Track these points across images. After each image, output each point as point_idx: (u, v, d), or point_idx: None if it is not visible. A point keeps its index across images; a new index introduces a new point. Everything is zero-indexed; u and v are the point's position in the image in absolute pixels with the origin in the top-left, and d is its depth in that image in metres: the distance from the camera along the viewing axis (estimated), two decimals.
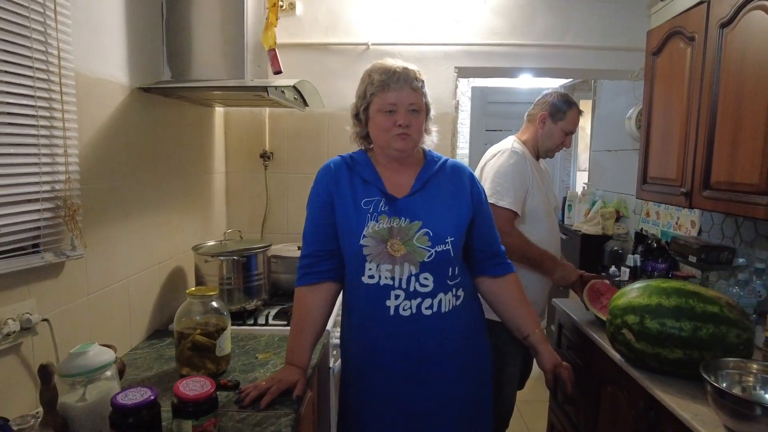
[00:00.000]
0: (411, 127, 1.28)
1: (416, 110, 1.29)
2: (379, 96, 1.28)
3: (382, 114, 1.28)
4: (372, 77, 1.29)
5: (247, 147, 2.59)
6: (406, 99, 1.27)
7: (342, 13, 2.54)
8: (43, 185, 1.17)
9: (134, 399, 0.99)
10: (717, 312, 1.42)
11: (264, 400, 1.23)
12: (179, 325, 1.41)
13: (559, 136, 1.98)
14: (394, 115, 1.27)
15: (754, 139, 1.51)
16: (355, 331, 1.34)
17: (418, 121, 1.30)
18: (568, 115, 1.96)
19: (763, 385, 1.30)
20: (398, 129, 1.27)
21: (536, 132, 2.00)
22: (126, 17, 1.59)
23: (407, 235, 1.27)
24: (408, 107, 1.27)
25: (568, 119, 1.96)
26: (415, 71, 1.30)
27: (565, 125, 1.97)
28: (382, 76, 1.27)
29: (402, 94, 1.26)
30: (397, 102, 1.27)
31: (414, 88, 1.28)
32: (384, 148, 1.33)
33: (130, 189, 1.60)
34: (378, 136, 1.31)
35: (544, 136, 1.99)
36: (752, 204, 1.51)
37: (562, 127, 1.97)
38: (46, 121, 1.18)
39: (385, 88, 1.26)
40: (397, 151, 1.31)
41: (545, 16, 2.58)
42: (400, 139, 1.28)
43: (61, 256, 1.22)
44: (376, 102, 1.28)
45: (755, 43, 1.52)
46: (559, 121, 1.96)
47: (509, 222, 1.85)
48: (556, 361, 1.40)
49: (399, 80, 1.26)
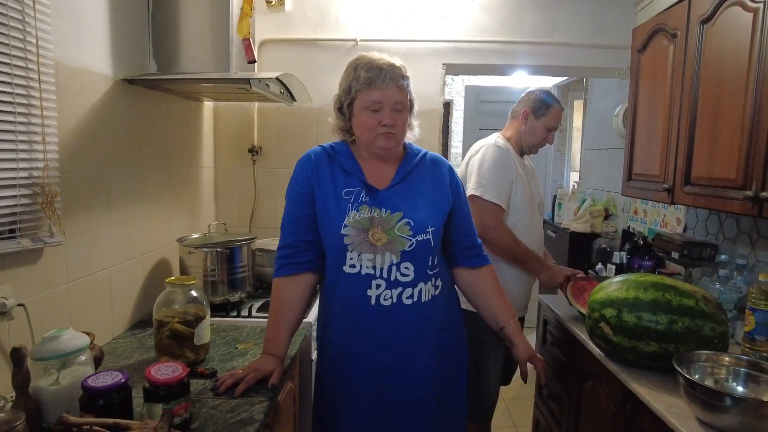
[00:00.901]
0: (395, 126, 1.28)
1: (400, 109, 1.29)
2: (365, 93, 1.26)
3: (366, 112, 1.27)
4: (358, 73, 1.27)
5: (235, 141, 2.60)
6: (392, 98, 1.26)
7: (331, 9, 2.55)
8: (20, 171, 1.18)
9: (105, 382, 1.00)
10: (692, 305, 1.43)
11: (239, 388, 1.24)
12: (158, 313, 1.42)
13: (541, 132, 2.01)
14: (379, 114, 1.26)
15: (731, 134, 1.53)
16: (335, 320, 1.34)
17: (402, 120, 1.30)
18: (550, 112, 1.99)
19: (735, 377, 1.31)
20: (383, 128, 1.27)
21: (519, 128, 2.03)
22: (110, 8, 1.59)
23: (388, 225, 1.28)
24: (393, 106, 1.27)
25: (550, 115, 1.99)
26: (401, 68, 1.29)
27: (547, 121, 2.00)
28: (368, 74, 1.25)
29: (388, 92, 1.26)
30: (383, 100, 1.26)
31: (400, 86, 1.27)
32: (368, 146, 1.33)
33: (113, 179, 1.61)
34: (362, 134, 1.31)
35: (527, 132, 2.02)
36: (729, 199, 1.53)
37: (545, 123, 2.00)
38: (23, 108, 1.19)
39: (371, 85, 1.25)
40: (381, 149, 1.31)
41: (533, 14, 2.59)
42: (384, 138, 1.29)
43: (38, 242, 1.23)
44: (361, 99, 1.27)
45: (733, 39, 1.53)
46: (542, 116, 1.99)
47: (497, 216, 1.87)
48: (531, 353, 1.41)
49: (385, 78, 1.25)
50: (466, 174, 1.96)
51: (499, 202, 1.86)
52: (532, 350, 1.42)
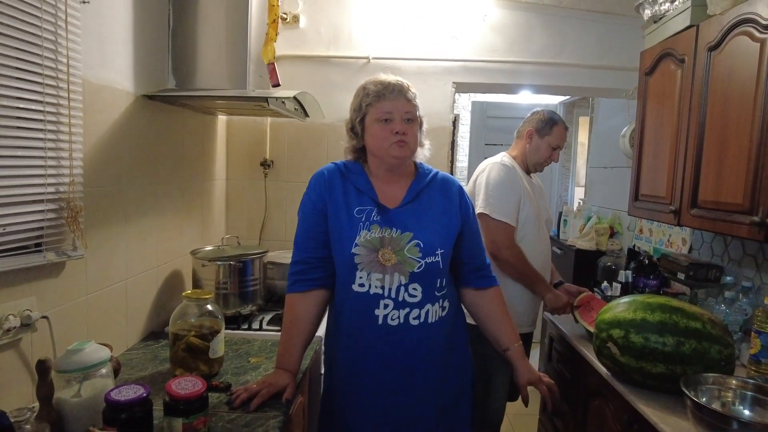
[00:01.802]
0: (407, 134, 1.31)
1: (411, 119, 1.33)
2: (375, 106, 1.31)
3: (378, 123, 1.31)
4: (367, 89, 1.33)
5: (247, 155, 2.64)
6: (402, 108, 1.31)
7: (344, 27, 2.60)
8: (48, 187, 1.22)
9: (127, 395, 1.02)
10: (699, 328, 1.45)
11: (254, 402, 1.26)
12: (174, 326, 1.45)
13: (545, 150, 2.06)
14: (391, 124, 1.30)
15: (738, 159, 1.56)
16: (343, 338, 1.35)
17: (413, 130, 1.33)
18: (554, 131, 2.05)
19: (742, 400, 1.33)
20: (396, 137, 1.30)
21: (524, 147, 2.09)
22: (134, 27, 1.64)
23: (398, 246, 1.29)
24: (404, 116, 1.31)
25: (554, 134, 2.05)
26: (408, 84, 1.35)
27: (552, 140, 2.06)
28: (377, 87, 1.31)
29: (397, 103, 1.30)
30: (393, 110, 1.30)
31: (408, 98, 1.32)
32: (382, 158, 1.35)
33: (131, 193, 1.65)
34: (375, 146, 1.34)
35: (532, 151, 2.08)
36: (736, 223, 1.55)
37: (549, 142, 2.06)
38: (53, 125, 1.23)
39: (381, 98, 1.30)
40: (395, 158, 1.33)
41: (542, 35, 2.64)
42: (397, 146, 1.31)
43: (62, 255, 1.26)
44: (372, 112, 1.31)
45: (740, 67, 1.56)
46: (546, 136, 2.06)
47: (508, 235, 1.91)
48: (532, 378, 1.41)
49: (394, 91, 1.30)
50: (474, 192, 2.00)
51: (509, 220, 1.90)
52: (534, 375, 1.41)
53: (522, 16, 2.63)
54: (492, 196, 1.92)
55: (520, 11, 2.62)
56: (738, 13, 1.58)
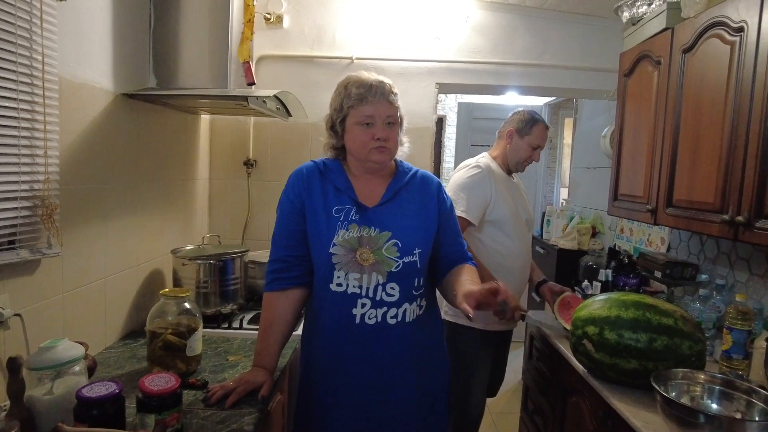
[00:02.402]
0: (389, 140, 1.31)
1: (392, 123, 1.32)
2: (357, 109, 1.30)
3: (359, 127, 1.30)
4: (349, 90, 1.31)
5: (230, 154, 2.64)
6: (384, 112, 1.30)
7: (328, 27, 2.61)
8: (22, 184, 1.21)
9: (99, 392, 1.02)
10: (671, 324, 1.48)
11: (230, 399, 1.27)
12: (152, 324, 1.45)
13: (525, 150, 2.09)
14: (372, 128, 1.29)
15: (710, 159, 1.59)
16: (320, 337, 1.36)
17: (394, 134, 1.33)
18: (533, 131, 2.07)
19: (710, 394, 1.36)
20: (376, 142, 1.30)
21: (505, 147, 2.11)
22: (113, 25, 1.64)
23: (376, 245, 1.30)
24: (385, 120, 1.30)
25: (534, 134, 2.07)
26: (390, 84, 1.33)
27: (532, 140, 2.08)
28: (359, 90, 1.29)
29: (379, 107, 1.29)
30: (375, 114, 1.29)
31: (390, 101, 1.31)
32: (362, 161, 1.35)
33: (111, 191, 1.64)
34: (355, 149, 1.34)
35: (512, 151, 2.10)
36: (708, 221, 1.58)
37: (529, 142, 2.08)
38: (27, 123, 1.22)
39: (362, 101, 1.29)
40: (375, 163, 1.34)
41: (525, 36, 2.67)
42: (377, 152, 1.31)
43: (36, 253, 1.26)
44: (354, 114, 1.30)
45: (712, 69, 1.60)
46: (526, 135, 2.08)
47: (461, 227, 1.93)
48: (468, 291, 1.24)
49: (376, 94, 1.29)
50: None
51: (467, 216, 1.94)
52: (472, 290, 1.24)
53: (505, 17, 2.66)
54: (455, 193, 1.96)
55: (503, 13, 2.65)
56: (710, 16, 1.61)
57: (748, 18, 1.45)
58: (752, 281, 1.83)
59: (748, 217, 1.41)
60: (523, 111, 2.13)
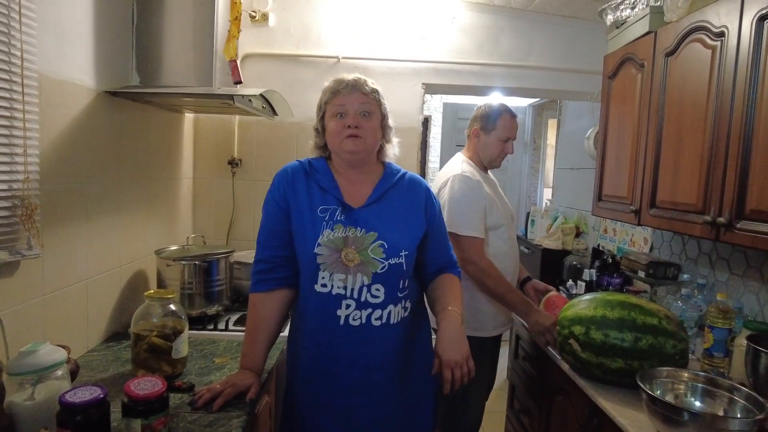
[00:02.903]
0: (362, 128, 1.31)
1: (367, 112, 1.32)
2: (331, 103, 1.32)
3: (333, 119, 1.32)
4: (326, 89, 1.35)
5: (215, 153, 2.60)
6: (356, 101, 1.31)
7: (314, 26, 2.59)
8: (0, 184, 1.18)
9: (83, 397, 1.00)
10: (656, 324, 1.50)
11: (217, 402, 1.25)
12: (136, 326, 1.42)
13: (496, 145, 1.99)
14: (344, 118, 1.31)
15: (692, 161, 1.62)
16: (305, 338, 1.35)
17: (369, 124, 1.32)
18: (498, 124, 1.98)
19: (693, 392, 1.38)
20: (347, 130, 1.30)
21: (475, 146, 2.03)
22: (94, 22, 1.60)
23: (362, 245, 1.29)
24: (358, 108, 1.31)
25: (500, 127, 1.98)
26: (366, 79, 1.35)
27: (499, 133, 1.98)
28: (333, 85, 1.33)
29: (351, 97, 1.31)
30: (346, 104, 1.30)
31: (364, 92, 1.32)
32: (338, 153, 1.36)
33: (92, 191, 1.61)
34: (331, 141, 1.34)
35: (482, 149, 2.01)
36: (690, 222, 1.61)
37: (497, 136, 1.98)
38: (5, 120, 1.19)
39: (336, 94, 1.32)
40: (348, 153, 1.32)
41: (510, 38, 2.69)
42: (350, 141, 1.30)
43: (16, 255, 1.22)
44: (329, 109, 1.33)
45: (694, 73, 1.63)
46: (492, 130, 1.98)
47: (478, 250, 1.87)
48: (446, 354, 1.30)
49: (348, 86, 1.31)
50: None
51: (477, 233, 1.86)
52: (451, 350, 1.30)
53: (490, 18, 2.67)
54: (456, 211, 1.86)
55: (489, 14, 2.67)
56: (692, 21, 1.64)
57: (728, 23, 1.48)
58: (732, 280, 1.87)
59: (729, 218, 1.44)
60: (483, 105, 2.03)
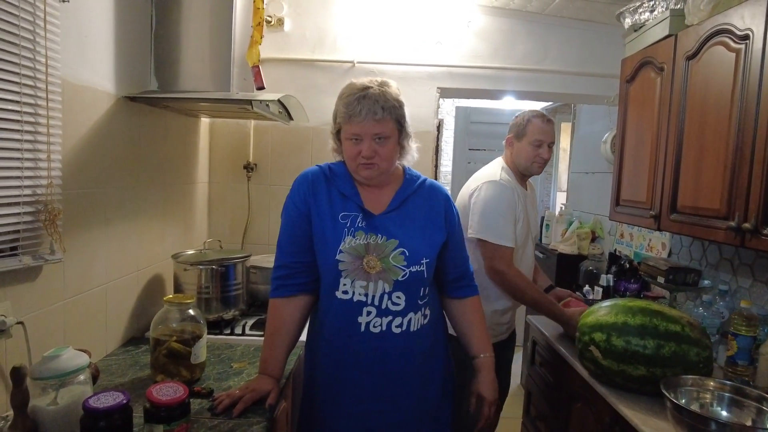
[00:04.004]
0: (377, 156, 1.28)
1: (383, 137, 1.27)
2: (345, 126, 1.28)
3: (349, 142, 1.29)
4: (338, 105, 1.29)
5: (230, 158, 2.61)
6: (370, 130, 1.25)
7: (329, 30, 2.60)
8: (25, 189, 1.19)
9: (106, 402, 1.00)
10: (679, 331, 1.48)
11: (237, 408, 1.25)
12: (155, 331, 1.42)
13: (529, 151, 1.96)
14: (359, 144, 1.26)
15: (715, 165, 1.59)
16: (324, 344, 1.34)
17: (385, 149, 1.28)
18: (528, 129, 1.95)
19: (719, 401, 1.36)
20: (362, 159, 1.28)
21: (511, 154, 2.02)
22: (115, 28, 1.62)
23: (383, 252, 1.28)
24: (372, 137, 1.26)
25: (530, 132, 1.95)
26: (379, 98, 1.25)
27: (530, 138, 1.95)
28: (346, 109, 1.25)
29: (365, 126, 1.24)
30: (361, 133, 1.26)
31: (377, 120, 1.24)
32: (353, 173, 1.35)
33: (112, 195, 1.62)
34: (347, 162, 1.34)
35: (516, 156, 2.00)
36: (713, 228, 1.59)
37: (529, 141, 1.95)
38: (30, 126, 1.20)
39: (349, 119, 1.25)
40: (363, 179, 1.33)
41: (526, 41, 2.67)
42: (363, 168, 1.29)
43: (39, 259, 1.23)
44: (344, 130, 1.29)
45: (717, 76, 1.60)
46: (523, 137, 1.96)
47: (507, 260, 1.84)
48: (485, 393, 1.42)
49: (361, 113, 1.23)
50: (468, 206, 1.91)
51: (507, 242, 1.83)
52: (488, 392, 1.43)
53: (506, 22, 2.66)
54: (488, 217, 1.83)
55: (504, 18, 2.66)
56: (714, 24, 1.62)
57: (753, 26, 1.45)
58: (756, 287, 1.84)
59: (755, 224, 1.41)
60: (518, 115, 2.03)
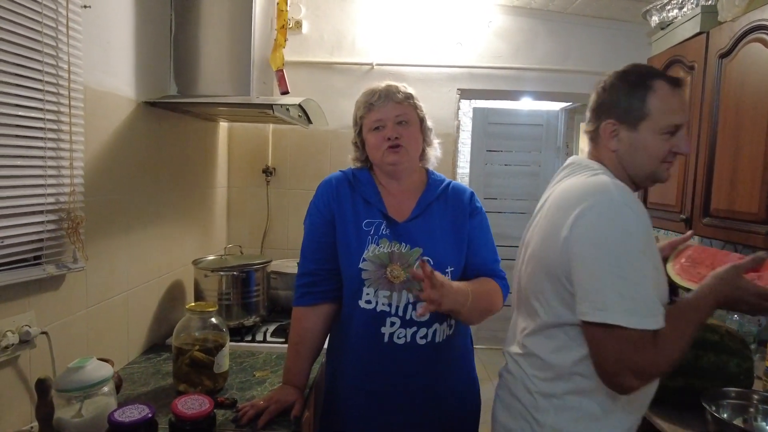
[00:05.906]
0: (402, 137, 1.28)
1: (405, 121, 1.29)
2: (367, 117, 1.30)
3: (372, 133, 1.30)
4: (359, 102, 1.33)
5: (249, 162, 2.60)
6: (392, 112, 1.28)
7: (347, 33, 2.57)
8: (48, 197, 1.18)
9: (131, 416, 0.98)
10: (717, 341, 1.41)
11: (262, 419, 1.22)
12: (177, 340, 1.40)
13: (655, 145, 1.07)
14: (383, 131, 1.28)
15: (753, 168, 1.53)
16: (347, 354, 1.31)
17: (409, 132, 1.30)
18: (651, 104, 1.06)
19: (764, 416, 1.29)
20: (388, 142, 1.27)
21: (612, 156, 1.12)
22: (135, 33, 1.61)
23: (407, 262, 1.25)
24: (395, 120, 1.28)
25: (656, 110, 1.06)
26: (397, 86, 1.31)
27: (658, 120, 1.06)
28: (366, 98, 1.31)
29: (386, 109, 1.28)
30: (383, 117, 1.28)
31: (397, 101, 1.29)
32: (380, 165, 1.33)
33: (132, 202, 1.60)
34: (373, 155, 1.32)
35: (630, 156, 1.10)
36: (752, 233, 1.52)
37: (653, 128, 1.07)
38: (53, 133, 1.19)
39: (370, 108, 1.30)
40: (391, 164, 1.30)
41: (547, 41, 2.62)
42: (391, 152, 1.28)
43: (62, 268, 1.22)
44: (366, 123, 1.31)
45: (754, 74, 1.54)
46: (641, 120, 1.07)
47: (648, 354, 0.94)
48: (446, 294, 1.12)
49: (380, 98, 1.28)
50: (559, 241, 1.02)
51: (653, 324, 0.93)
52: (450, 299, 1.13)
53: (527, 22, 2.61)
54: (627, 289, 0.93)
55: (525, 17, 2.61)
56: (750, 20, 1.56)
57: None
58: None
59: None
60: (612, 78, 1.14)
